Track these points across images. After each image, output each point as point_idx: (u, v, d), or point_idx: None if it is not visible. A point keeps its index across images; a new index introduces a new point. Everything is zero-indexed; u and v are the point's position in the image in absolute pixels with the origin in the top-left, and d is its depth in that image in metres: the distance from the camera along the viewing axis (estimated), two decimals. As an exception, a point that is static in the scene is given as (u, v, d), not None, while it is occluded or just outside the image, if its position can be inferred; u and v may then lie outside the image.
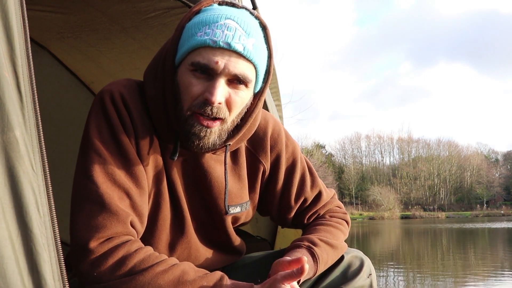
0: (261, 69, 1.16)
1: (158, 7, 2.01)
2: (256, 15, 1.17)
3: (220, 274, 1.09)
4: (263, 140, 1.36)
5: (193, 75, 1.11)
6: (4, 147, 0.81)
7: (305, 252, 1.26)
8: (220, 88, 1.09)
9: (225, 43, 1.08)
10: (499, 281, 6.90)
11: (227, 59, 1.09)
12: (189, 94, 1.11)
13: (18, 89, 0.86)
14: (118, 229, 1.05)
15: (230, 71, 1.09)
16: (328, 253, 1.30)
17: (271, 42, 1.19)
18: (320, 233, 1.34)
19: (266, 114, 1.41)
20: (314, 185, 1.45)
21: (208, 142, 1.14)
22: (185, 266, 1.07)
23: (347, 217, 1.48)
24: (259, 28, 1.16)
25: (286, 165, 1.40)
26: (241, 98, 1.14)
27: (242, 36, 1.10)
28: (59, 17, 2.22)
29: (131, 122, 1.15)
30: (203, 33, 1.09)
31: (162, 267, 1.04)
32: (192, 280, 1.04)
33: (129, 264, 1.02)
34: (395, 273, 8.32)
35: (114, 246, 1.03)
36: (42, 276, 0.81)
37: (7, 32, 0.86)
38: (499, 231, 23.49)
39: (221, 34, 1.08)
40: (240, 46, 1.09)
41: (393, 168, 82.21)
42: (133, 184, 1.12)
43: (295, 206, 1.42)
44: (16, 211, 0.81)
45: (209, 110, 1.10)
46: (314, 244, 1.28)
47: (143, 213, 1.13)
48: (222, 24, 1.10)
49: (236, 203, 1.31)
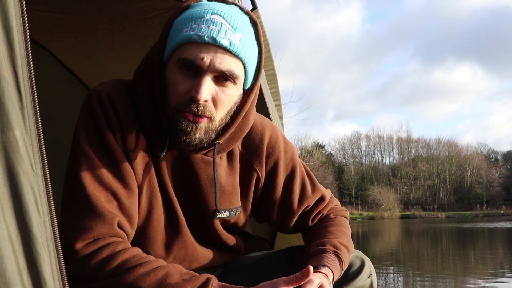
0: (250, 66, 1.14)
1: (158, 7, 2.01)
2: (247, 11, 1.15)
3: (206, 276, 1.05)
4: (259, 148, 1.34)
5: (180, 72, 1.10)
6: (3, 147, 0.81)
7: (333, 257, 1.25)
8: (205, 86, 1.08)
9: (211, 38, 1.06)
10: (499, 281, 6.90)
11: (213, 55, 1.07)
12: (175, 91, 1.10)
13: (17, 89, 0.86)
14: (104, 230, 1.05)
15: (216, 67, 1.07)
16: (346, 256, 1.31)
17: (261, 38, 1.17)
18: (336, 236, 1.33)
19: (263, 119, 1.38)
20: (315, 189, 1.43)
21: (194, 137, 1.12)
22: (170, 269, 1.05)
23: (347, 213, 1.48)
24: (249, 24, 1.14)
25: (285, 172, 1.38)
26: (228, 96, 1.12)
27: (228, 31, 1.08)
28: (59, 17, 2.22)
29: (119, 123, 1.14)
30: (189, 29, 1.08)
31: (145, 269, 1.03)
32: (175, 283, 1.02)
33: (113, 264, 1.02)
34: (395, 273, 8.32)
35: (99, 247, 1.03)
36: (41, 276, 0.81)
37: (7, 32, 0.86)
38: (499, 231, 23.47)
39: (206, 29, 1.07)
40: (226, 41, 1.07)
41: (393, 168, 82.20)
42: (121, 185, 1.11)
43: (297, 212, 1.41)
44: (15, 211, 0.81)
45: (195, 108, 1.08)
46: (338, 248, 1.28)
47: (131, 214, 1.12)
48: (208, 19, 1.08)
49: (225, 208, 1.29)
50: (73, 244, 1.02)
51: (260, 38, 1.16)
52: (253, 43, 1.15)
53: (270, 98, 2.12)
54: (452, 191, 78.93)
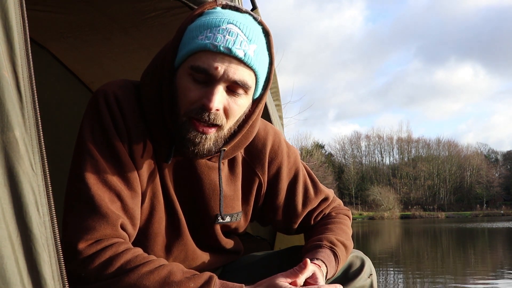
0: (261, 76, 1.15)
1: (158, 7, 2.01)
2: (260, 21, 1.15)
3: (208, 274, 1.06)
4: (261, 153, 1.34)
5: (192, 79, 1.09)
6: (3, 147, 0.81)
7: (329, 252, 1.26)
8: (218, 95, 1.08)
9: (226, 48, 1.06)
10: (499, 281, 6.90)
11: (227, 65, 1.07)
12: (186, 98, 1.10)
13: (17, 89, 0.86)
14: (107, 231, 1.05)
15: (230, 78, 1.07)
16: (344, 253, 1.31)
17: (273, 49, 1.17)
18: (334, 233, 1.34)
19: (266, 124, 1.38)
20: (318, 190, 1.44)
21: (203, 148, 1.12)
22: (173, 267, 1.06)
23: (349, 213, 1.49)
24: (262, 34, 1.14)
25: (288, 177, 1.39)
26: (240, 106, 1.13)
27: (243, 42, 1.08)
28: (59, 17, 2.22)
29: (125, 124, 1.14)
30: (204, 37, 1.07)
31: (148, 268, 1.03)
32: (178, 281, 1.03)
33: (116, 265, 1.02)
34: (395, 272, 8.32)
35: (102, 248, 1.03)
36: (41, 276, 0.81)
37: (7, 32, 0.86)
38: (498, 231, 23.47)
39: (222, 38, 1.06)
40: (241, 52, 1.07)
41: (393, 168, 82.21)
42: (125, 186, 1.11)
43: (301, 215, 1.42)
44: (15, 211, 0.81)
45: (206, 116, 1.08)
46: (334, 244, 1.29)
47: (134, 216, 1.13)
48: (224, 29, 1.08)
49: (227, 213, 1.29)
50: (76, 244, 1.02)
51: (272, 48, 1.16)
52: (265, 54, 1.15)
53: (270, 99, 2.12)
54: (452, 191, 78.94)
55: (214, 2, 1.14)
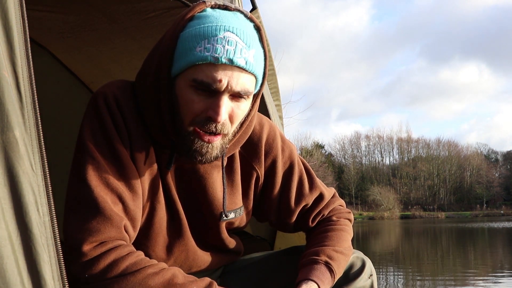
0: (260, 76, 1.15)
1: (158, 7, 2.01)
2: (250, 17, 1.13)
3: (209, 280, 1.08)
4: (257, 146, 1.34)
5: (194, 91, 1.08)
6: (3, 147, 0.81)
7: (323, 269, 1.26)
8: (224, 107, 1.07)
9: (228, 59, 1.05)
10: (499, 281, 6.90)
11: (230, 75, 1.06)
12: (190, 110, 1.09)
13: (17, 89, 0.86)
14: (111, 233, 1.05)
15: (233, 88, 1.07)
16: (342, 263, 1.31)
17: (265, 42, 1.15)
18: (333, 242, 1.33)
19: (261, 118, 1.38)
20: (313, 186, 1.42)
21: (210, 157, 1.13)
22: (175, 271, 1.07)
23: (351, 215, 1.47)
24: (254, 31, 1.13)
25: (283, 169, 1.38)
26: (243, 111, 1.14)
27: (243, 50, 1.07)
28: (59, 17, 2.22)
29: (125, 126, 1.14)
30: (202, 48, 1.05)
31: (153, 270, 1.04)
32: (182, 283, 1.04)
33: (121, 267, 1.02)
34: (395, 273, 8.32)
35: (106, 250, 1.03)
36: (41, 276, 0.81)
37: (7, 32, 0.86)
38: (499, 231, 23.48)
39: (222, 49, 1.05)
40: (242, 61, 1.06)
41: (393, 168, 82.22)
42: (126, 188, 1.11)
43: (295, 210, 1.40)
44: (15, 211, 0.81)
45: (213, 128, 1.09)
46: (331, 258, 1.28)
47: (135, 218, 1.13)
48: (221, 38, 1.05)
49: (230, 209, 1.30)
50: (80, 246, 1.02)
51: (264, 42, 1.15)
52: (261, 51, 1.13)
53: (271, 99, 2.12)
54: (452, 191, 78.94)
55: (203, 3, 1.11)
